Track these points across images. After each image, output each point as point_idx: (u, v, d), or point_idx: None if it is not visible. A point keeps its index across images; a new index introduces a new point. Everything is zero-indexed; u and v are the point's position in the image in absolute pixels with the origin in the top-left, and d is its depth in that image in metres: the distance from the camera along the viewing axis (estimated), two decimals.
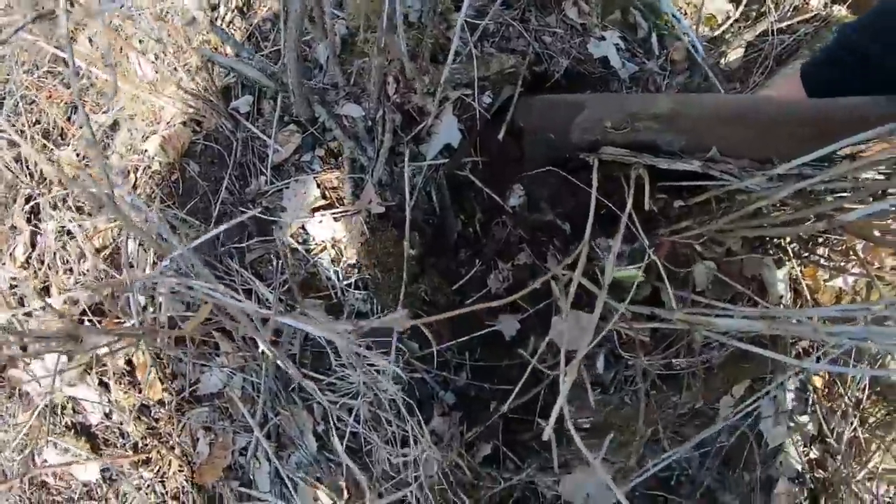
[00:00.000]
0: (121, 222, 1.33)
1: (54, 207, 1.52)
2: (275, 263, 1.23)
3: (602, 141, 1.03)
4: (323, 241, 1.20)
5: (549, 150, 1.14)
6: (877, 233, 0.88)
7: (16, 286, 1.52)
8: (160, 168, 1.35)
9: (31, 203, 1.56)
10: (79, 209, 1.50)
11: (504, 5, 1.32)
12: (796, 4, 1.71)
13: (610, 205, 1.16)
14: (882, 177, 0.84)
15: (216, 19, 1.37)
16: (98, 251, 1.44)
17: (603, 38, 1.38)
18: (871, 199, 0.82)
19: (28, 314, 1.39)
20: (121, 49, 1.48)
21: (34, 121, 1.58)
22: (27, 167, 1.59)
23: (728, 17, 1.61)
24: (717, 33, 1.55)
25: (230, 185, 1.28)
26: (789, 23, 1.64)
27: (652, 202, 1.01)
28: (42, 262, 1.51)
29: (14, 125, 1.61)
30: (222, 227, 0.86)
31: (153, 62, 1.45)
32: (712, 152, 0.93)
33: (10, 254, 1.54)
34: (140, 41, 1.47)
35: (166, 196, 1.33)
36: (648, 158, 0.93)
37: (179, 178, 1.34)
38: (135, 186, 1.39)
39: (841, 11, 1.80)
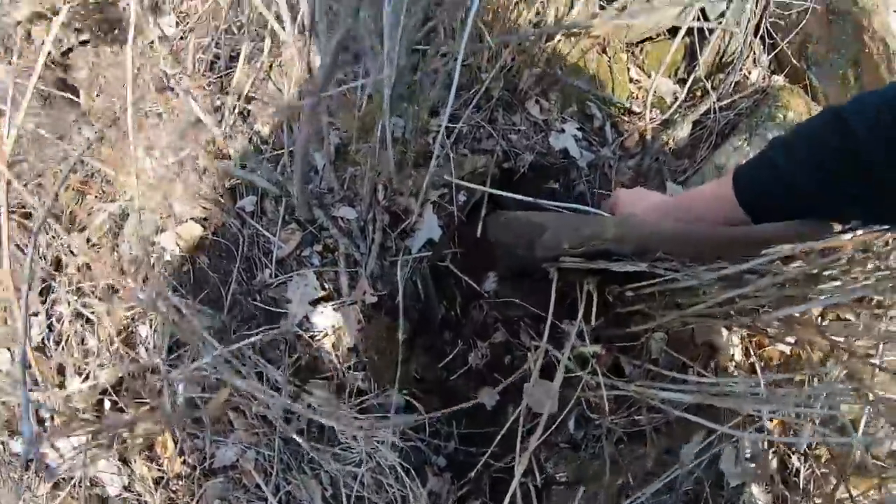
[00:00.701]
0: (155, 315, 1.48)
1: (69, 291, 1.66)
2: (282, 348, 1.39)
3: (561, 255, 1.21)
4: (324, 329, 1.36)
5: (517, 261, 1.32)
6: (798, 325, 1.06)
7: (30, 367, 1.65)
8: (172, 260, 1.50)
9: (45, 285, 1.69)
10: (92, 292, 1.64)
11: (475, 108, 1.50)
12: (737, 80, 1.92)
13: (571, 296, 1.35)
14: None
15: (220, 122, 1.53)
16: (116, 334, 1.58)
17: (562, 131, 1.57)
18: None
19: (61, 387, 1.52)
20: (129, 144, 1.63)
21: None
22: (37, 248, 1.72)
23: (676, 99, 1.81)
24: (665, 115, 1.75)
25: (239, 277, 1.44)
26: (730, 100, 1.84)
27: (607, 293, 1.20)
28: (58, 344, 1.65)
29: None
30: (257, 336, 1.02)
31: (161, 158, 1.61)
32: (658, 254, 1.12)
33: (27, 335, 1.67)
34: (148, 138, 1.63)
35: (179, 285, 1.48)
36: (603, 263, 1.11)
37: (191, 270, 1.49)
38: (147, 278, 1.54)
39: (778, 81, 2.01)
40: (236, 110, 1.52)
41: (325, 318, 1.36)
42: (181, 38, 1.73)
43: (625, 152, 1.64)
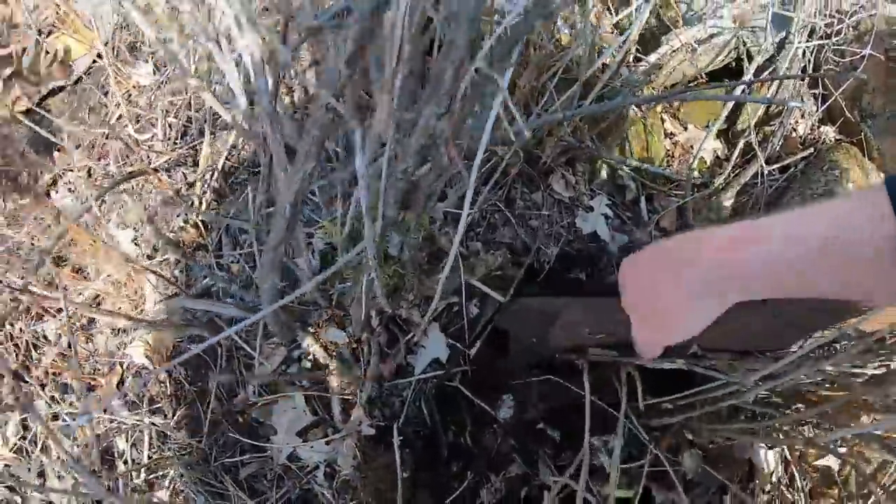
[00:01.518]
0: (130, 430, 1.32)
1: (42, 386, 1.50)
2: (269, 479, 1.21)
3: (586, 344, 1.04)
4: (316, 463, 1.19)
5: (532, 354, 1.15)
6: None
7: (9, 466, 1.50)
8: (148, 367, 1.33)
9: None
10: (66, 386, 1.48)
11: (491, 187, 1.28)
12: (785, 135, 1.67)
13: (603, 404, 1.16)
14: None
15: (191, 205, 1.33)
16: (90, 445, 1.42)
17: (591, 209, 1.35)
18: None
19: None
20: (97, 224, 1.44)
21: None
22: (13, 340, 1.56)
23: (717, 157, 1.57)
24: (707, 182, 1.51)
25: (218, 393, 1.26)
26: (778, 165, 1.60)
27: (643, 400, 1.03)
28: (36, 445, 1.49)
29: None
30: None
31: (133, 241, 1.42)
32: (693, 349, 0.95)
33: (2, 434, 1.52)
34: (119, 225, 1.44)
35: (155, 397, 1.31)
36: (636, 359, 0.95)
37: (167, 380, 1.31)
38: (121, 382, 1.36)
39: (829, 134, 1.76)
40: (206, 193, 1.32)
41: (316, 453, 1.18)
42: (158, 87, 1.52)
43: (661, 232, 1.41)
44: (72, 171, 1.53)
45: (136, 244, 1.41)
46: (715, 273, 0.63)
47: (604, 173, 1.41)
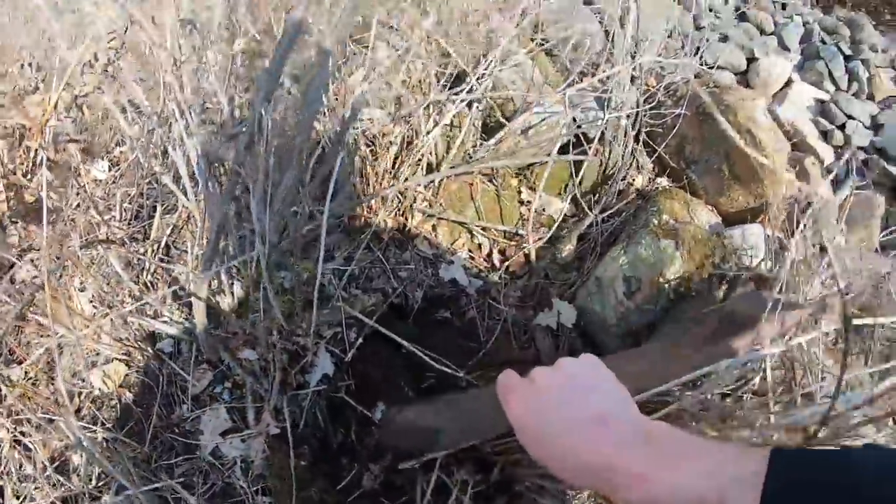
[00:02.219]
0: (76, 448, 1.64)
1: (8, 417, 1.81)
2: (198, 476, 1.56)
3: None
4: (234, 458, 1.54)
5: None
6: None
7: None
8: (101, 395, 1.67)
9: None
10: (28, 421, 1.79)
11: (367, 249, 1.69)
12: (621, 188, 2.13)
13: None
14: None
15: (143, 270, 1.72)
16: (50, 461, 1.73)
17: (452, 262, 1.77)
18: None
19: None
20: (62, 280, 1.81)
21: None
22: None
23: (564, 216, 2.02)
24: (552, 233, 1.95)
25: (159, 412, 1.61)
26: (611, 211, 2.05)
27: None
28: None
29: None
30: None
31: (91, 301, 1.79)
32: None
33: None
34: (80, 281, 1.81)
35: (107, 419, 1.65)
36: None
37: (118, 404, 1.66)
38: (79, 409, 1.70)
39: (662, 183, 2.23)
40: (156, 258, 1.71)
41: (234, 449, 1.53)
42: (113, 181, 1.93)
43: (511, 275, 1.83)
44: (36, 249, 1.91)
45: (91, 304, 1.78)
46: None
47: (462, 236, 1.83)
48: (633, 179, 2.21)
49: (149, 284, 1.71)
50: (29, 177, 1.84)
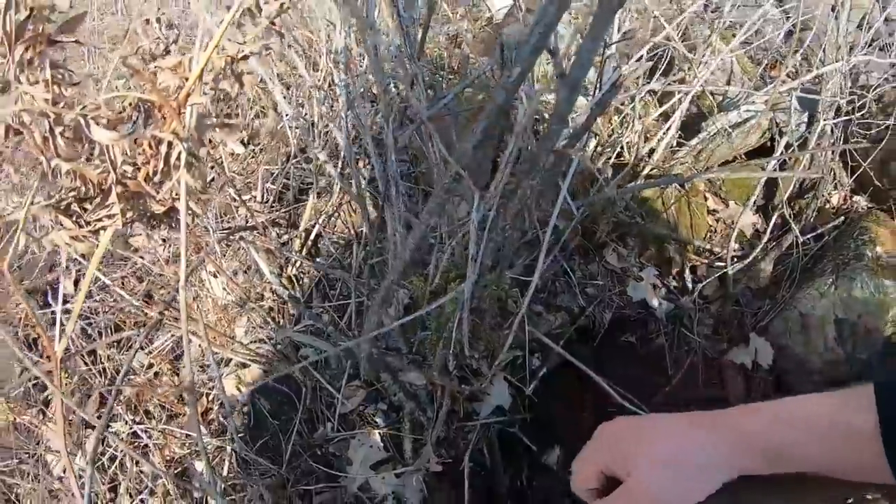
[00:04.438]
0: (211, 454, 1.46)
1: (126, 409, 1.64)
2: None
3: None
4: (385, 495, 1.31)
5: None
6: None
7: (82, 479, 1.64)
8: (232, 400, 1.48)
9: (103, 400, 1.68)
10: (147, 413, 1.62)
11: (552, 259, 1.43)
12: (819, 206, 1.81)
13: None
14: None
15: (287, 262, 1.51)
16: (168, 463, 1.55)
17: (640, 279, 1.49)
18: None
19: None
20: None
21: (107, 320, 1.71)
22: (101, 363, 1.71)
23: (756, 231, 1.71)
24: (747, 254, 1.65)
25: (300, 428, 1.40)
26: (811, 234, 1.73)
27: None
28: (113, 461, 1.63)
29: (90, 319, 1.75)
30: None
31: (225, 289, 1.59)
32: None
33: (81, 447, 1.66)
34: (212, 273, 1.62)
35: (238, 427, 1.45)
36: None
37: (251, 412, 1.46)
38: (206, 411, 1.51)
39: (861, 203, 1.89)
40: (304, 250, 1.50)
41: (387, 485, 1.30)
42: (251, 156, 1.72)
43: (704, 299, 1.55)
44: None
45: (225, 291, 1.59)
46: (726, 439, 0.57)
47: (651, 248, 1.56)
48: (830, 196, 1.88)
49: (293, 279, 1.50)
50: (157, 180, 1.64)
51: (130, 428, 1.61)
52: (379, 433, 1.34)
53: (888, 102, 1.93)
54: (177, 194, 0.70)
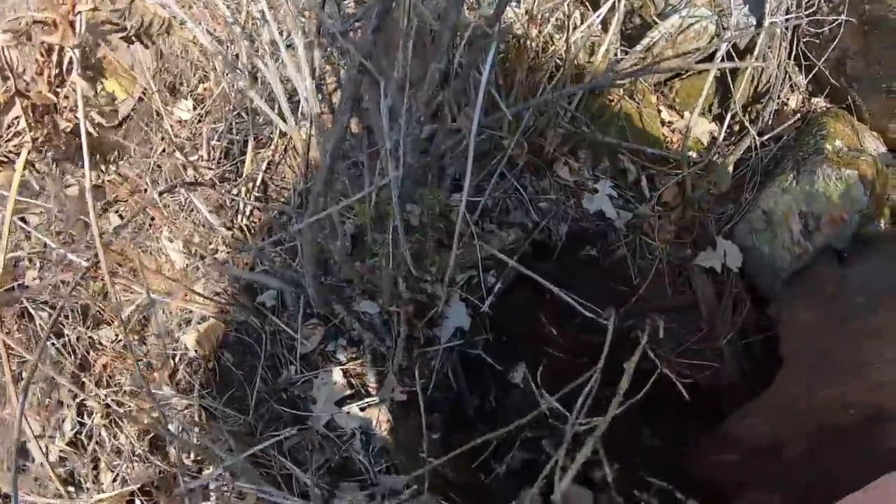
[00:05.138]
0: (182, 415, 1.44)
1: (97, 384, 1.62)
2: (310, 450, 1.32)
3: None
4: (352, 430, 1.29)
5: None
6: None
7: (65, 459, 1.62)
8: (197, 357, 1.46)
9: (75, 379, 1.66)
10: (119, 387, 1.60)
11: (500, 177, 1.40)
12: (776, 108, 1.77)
13: None
14: None
15: (236, 213, 1.48)
16: (142, 433, 1.53)
17: (595, 191, 1.46)
18: None
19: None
20: (150, 231, 1.60)
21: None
22: (70, 345, 1.69)
23: (713, 138, 1.68)
24: (704, 159, 1.62)
25: (263, 374, 1.38)
26: (770, 135, 1.70)
27: None
28: (90, 439, 1.61)
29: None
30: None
31: (183, 251, 1.57)
32: None
33: (59, 429, 1.65)
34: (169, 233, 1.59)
35: (204, 384, 1.43)
36: None
37: (216, 367, 1.44)
38: (174, 373, 1.49)
39: (819, 103, 1.85)
40: (251, 198, 1.47)
41: (353, 420, 1.28)
42: (199, 120, 1.70)
43: (664, 207, 1.52)
44: (124, 200, 1.70)
45: (183, 253, 1.56)
46: None
47: (605, 160, 1.52)
48: (787, 99, 1.84)
49: (245, 229, 1.47)
50: (58, 90, 1.60)
51: (103, 401, 1.59)
52: (341, 370, 1.31)
53: (838, 1, 1.87)
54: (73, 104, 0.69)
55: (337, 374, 1.32)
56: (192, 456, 1.44)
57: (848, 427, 1.07)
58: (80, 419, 1.63)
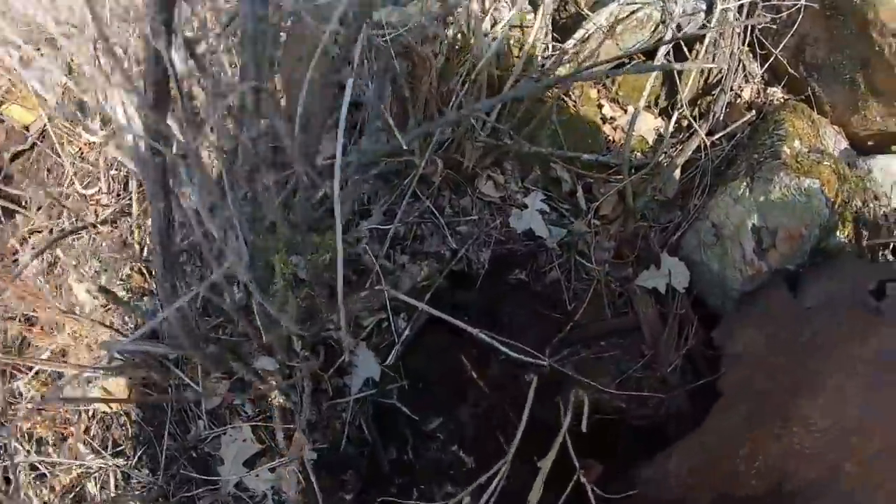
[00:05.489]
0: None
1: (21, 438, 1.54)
2: None
3: None
4: (263, 491, 1.20)
5: None
6: None
7: None
8: (109, 413, 1.37)
9: None
10: (39, 441, 1.51)
11: (412, 198, 1.28)
12: (729, 101, 1.62)
13: None
14: None
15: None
16: (65, 490, 1.45)
17: (525, 206, 1.34)
18: None
19: None
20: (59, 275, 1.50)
21: None
22: None
23: (660, 136, 1.54)
24: (649, 161, 1.48)
25: (172, 431, 1.29)
26: (722, 133, 1.55)
27: None
28: (18, 493, 1.54)
29: None
30: None
31: (89, 292, 1.47)
32: None
33: None
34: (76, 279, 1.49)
35: (118, 440, 1.35)
36: None
37: (127, 422, 1.35)
38: (87, 429, 1.41)
39: (776, 94, 1.69)
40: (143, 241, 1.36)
41: (263, 482, 1.19)
42: (107, 143, 1.58)
43: (602, 220, 1.39)
44: (38, 232, 1.60)
45: (91, 295, 1.46)
46: None
47: (536, 169, 1.39)
48: (741, 90, 1.67)
49: (144, 272, 1.36)
50: None
51: (27, 456, 1.51)
52: (250, 426, 1.22)
53: None
54: None
55: (246, 430, 1.22)
56: None
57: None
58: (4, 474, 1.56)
